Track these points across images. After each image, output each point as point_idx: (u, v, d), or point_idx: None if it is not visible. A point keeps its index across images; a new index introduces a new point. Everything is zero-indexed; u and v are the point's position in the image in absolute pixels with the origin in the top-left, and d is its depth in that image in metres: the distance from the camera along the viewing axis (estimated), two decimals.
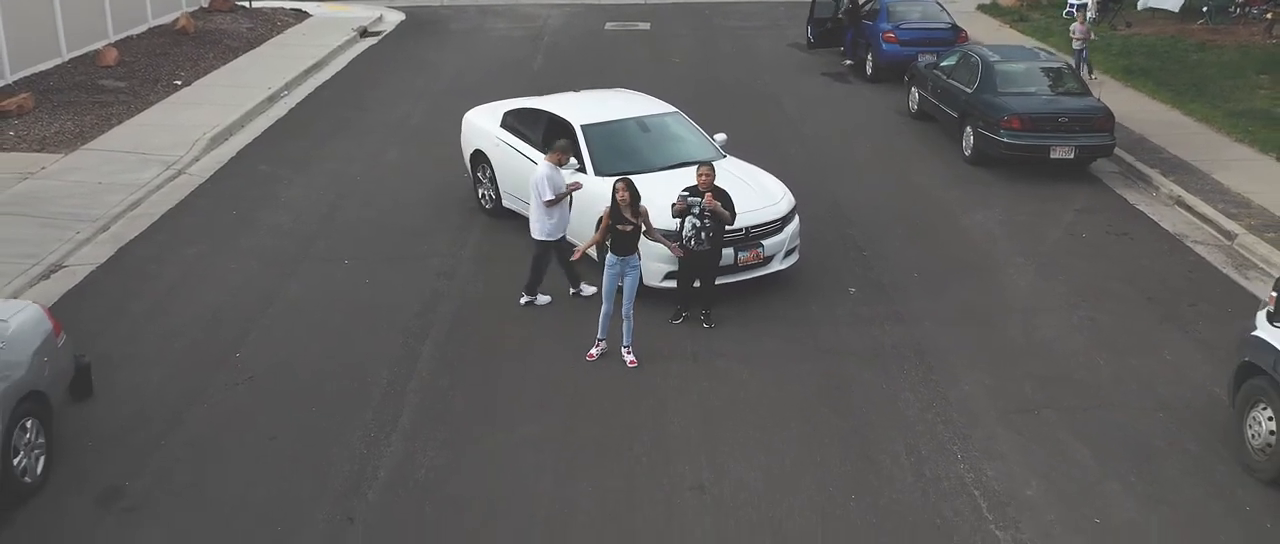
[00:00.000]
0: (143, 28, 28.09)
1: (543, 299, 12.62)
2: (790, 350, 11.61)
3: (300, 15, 32.56)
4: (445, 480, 9.33)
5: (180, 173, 18.05)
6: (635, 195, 11.02)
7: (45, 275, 13.81)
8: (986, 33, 29.52)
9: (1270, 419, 9.12)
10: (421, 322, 12.33)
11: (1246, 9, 28.11)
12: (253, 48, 27.71)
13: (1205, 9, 28.56)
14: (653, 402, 10.61)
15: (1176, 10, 29.58)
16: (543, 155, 12.98)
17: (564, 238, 12.53)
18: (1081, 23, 23.13)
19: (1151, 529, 8.71)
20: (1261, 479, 9.19)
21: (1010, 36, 28.92)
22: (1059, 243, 14.80)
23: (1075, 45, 22.96)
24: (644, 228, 11.14)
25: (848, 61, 25.33)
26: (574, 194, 12.46)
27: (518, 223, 14.74)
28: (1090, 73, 22.91)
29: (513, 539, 8.55)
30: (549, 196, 12.14)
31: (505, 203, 15.04)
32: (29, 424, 9.06)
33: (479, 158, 15.51)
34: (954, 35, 23.50)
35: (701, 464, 9.56)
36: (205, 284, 13.42)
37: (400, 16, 33.46)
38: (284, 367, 11.31)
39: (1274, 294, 9.04)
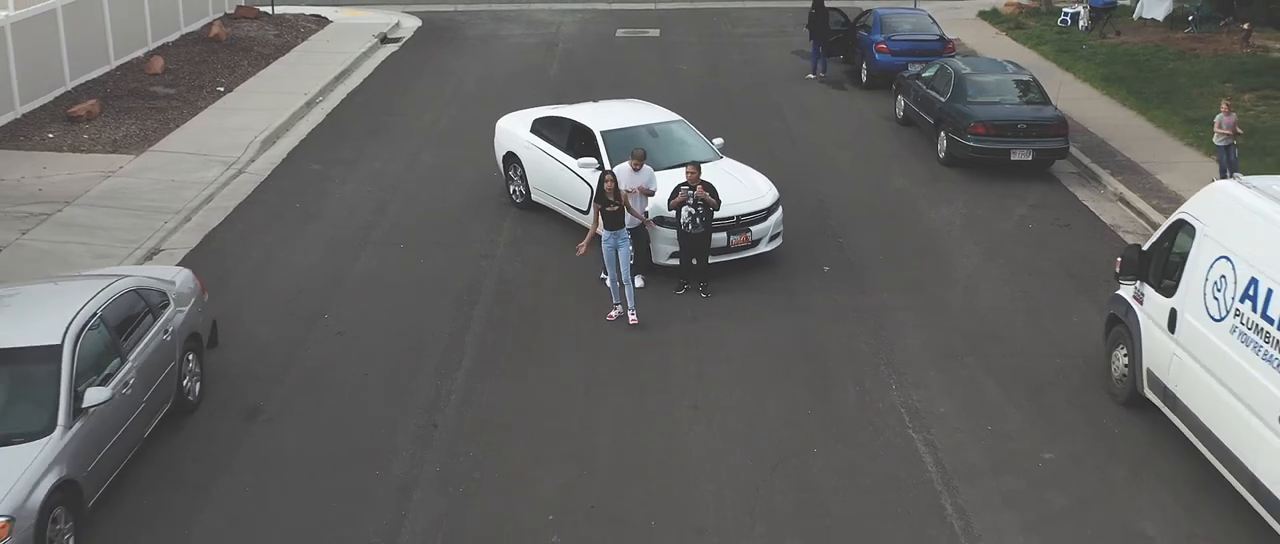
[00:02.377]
0: (176, 35, 32.42)
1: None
2: (770, 313, 15.81)
3: (321, 21, 36.91)
4: (500, 402, 13.52)
5: (240, 172, 22.34)
6: (617, 184, 15.18)
7: (147, 257, 18.05)
8: (982, 40, 33.80)
9: (1124, 355, 13.26)
10: (470, 293, 16.55)
11: (1229, 20, 32.13)
12: (282, 55, 32.07)
13: (1191, 18, 32.67)
14: (659, 349, 14.80)
15: (1164, 19, 33.74)
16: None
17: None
18: (1226, 112, 20.09)
19: (1031, 433, 12.86)
20: (1118, 401, 13.34)
21: (1005, 44, 33.17)
22: (1007, 233, 18.98)
23: (1218, 141, 20.21)
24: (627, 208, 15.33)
25: (814, 75, 29.22)
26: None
27: (545, 213, 19.00)
28: (1232, 173, 19.32)
29: (554, 442, 12.71)
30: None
31: (534, 197, 19.28)
32: (190, 358, 13.28)
33: (511, 159, 19.76)
34: (942, 46, 27.70)
35: (696, 392, 13.75)
36: (286, 263, 17.68)
37: (417, 22, 37.77)
38: (363, 325, 15.54)
39: (1119, 259, 13.19)
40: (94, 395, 10.96)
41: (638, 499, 11.61)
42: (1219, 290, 11.38)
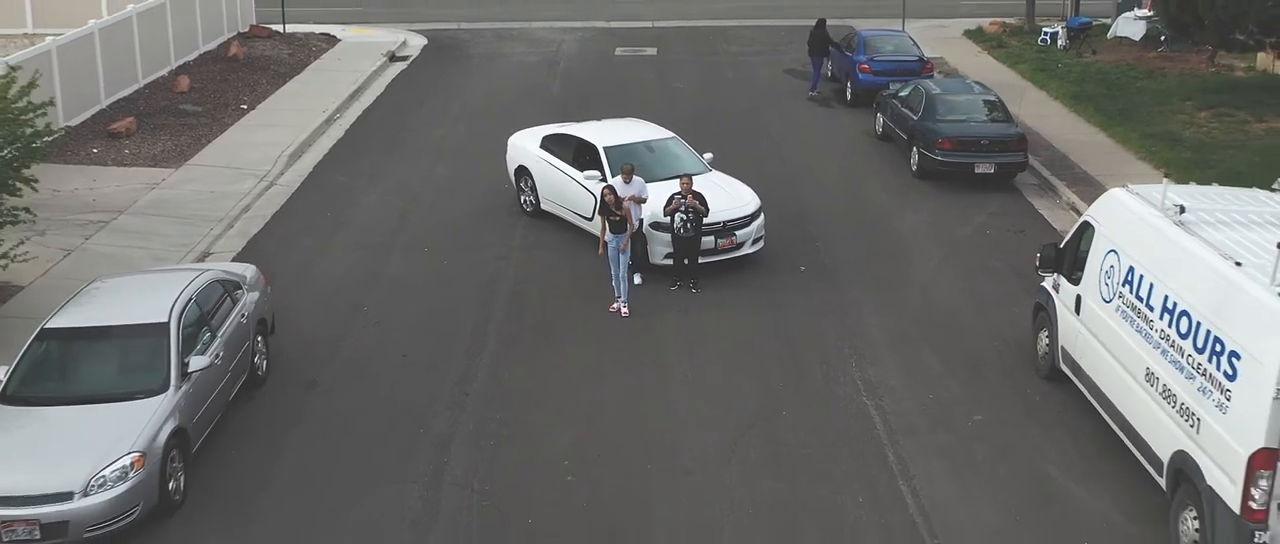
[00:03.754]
0: (195, 54, 35.84)
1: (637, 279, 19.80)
2: (751, 305, 19.14)
3: (330, 40, 40.35)
4: (520, 377, 16.84)
5: (272, 184, 25.69)
6: (618, 196, 18.53)
7: (199, 260, 21.38)
8: (965, 59, 37.24)
9: (1046, 337, 16.58)
10: (490, 289, 19.88)
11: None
12: (297, 73, 35.49)
13: (1163, 38, 36.06)
14: (654, 335, 18.12)
15: (1139, 38, 37.17)
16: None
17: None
18: None
19: (965, 400, 16.16)
20: (1041, 375, 16.64)
21: (987, 63, 36.62)
22: (966, 237, 22.33)
23: None
24: (626, 216, 18.68)
25: (813, 92, 32.58)
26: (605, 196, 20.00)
27: (553, 221, 22.34)
28: None
29: (566, 407, 15.99)
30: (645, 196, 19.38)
31: (543, 206, 22.62)
32: (259, 339, 16.59)
33: (522, 172, 23.11)
34: (921, 67, 31.09)
35: (685, 368, 17.07)
36: (323, 265, 21.01)
37: (422, 40, 41.20)
38: (398, 316, 18.86)
39: (1038, 255, 16.53)
40: (196, 362, 14.29)
41: (636, 449, 14.92)
42: (1109, 277, 14.71)
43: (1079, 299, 15.54)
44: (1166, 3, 29.34)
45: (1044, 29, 38.51)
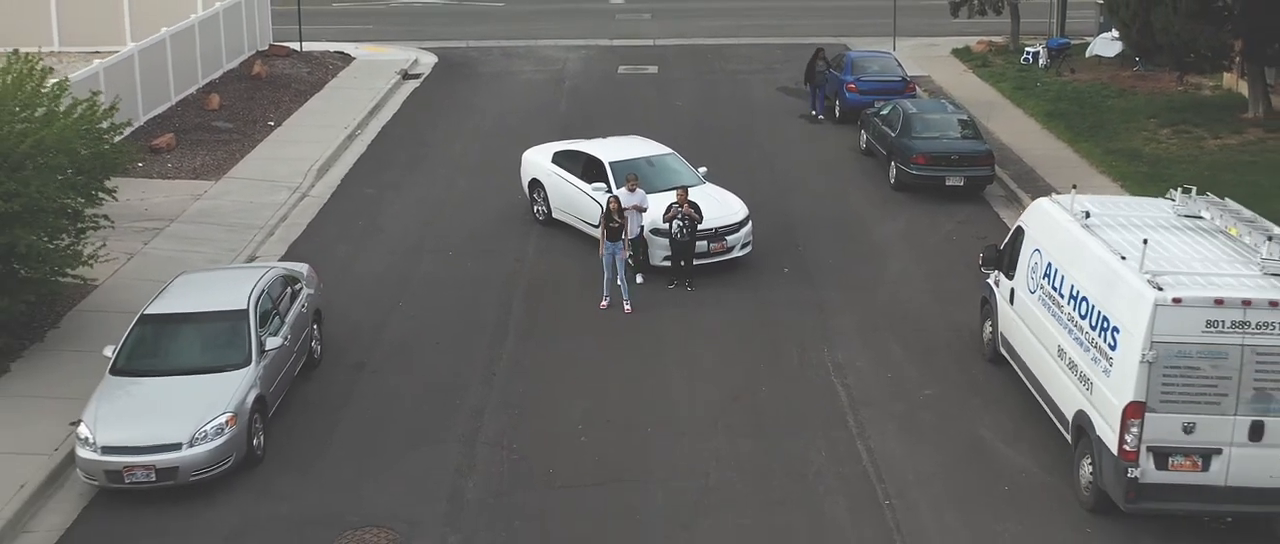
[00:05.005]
0: (219, 72, 39.58)
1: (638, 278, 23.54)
2: (739, 301, 22.80)
3: (345, 58, 44.14)
4: (539, 360, 20.49)
5: (304, 196, 29.39)
6: (620, 206, 22.20)
7: (248, 262, 25.04)
8: (950, 77, 41.00)
9: (989, 326, 20.23)
10: (508, 288, 23.55)
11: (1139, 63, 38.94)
12: (317, 91, 39.26)
13: (1138, 57, 39.74)
14: (653, 328, 21.79)
15: (1114, 57, 40.88)
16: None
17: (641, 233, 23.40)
18: None
19: (919, 379, 19.79)
20: (986, 359, 20.29)
21: (970, 81, 40.38)
22: (935, 243, 25.99)
23: None
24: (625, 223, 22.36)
25: (816, 113, 36.21)
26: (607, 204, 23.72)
27: (564, 229, 26.00)
28: None
29: (579, 384, 19.64)
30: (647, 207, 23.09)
31: (555, 215, 26.31)
32: (315, 327, 20.25)
33: (535, 184, 26.81)
34: (904, 86, 34.81)
35: (680, 355, 20.73)
36: (361, 267, 24.69)
37: (433, 59, 44.98)
38: (430, 311, 22.53)
39: (980, 254, 20.18)
40: (271, 341, 17.96)
41: (638, 416, 18.58)
42: (1033, 272, 18.37)
43: (1012, 292, 19.20)
44: (1129, 28, 33.00)
45: (1026, 49, 42.24)
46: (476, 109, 37.56)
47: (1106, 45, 41.64)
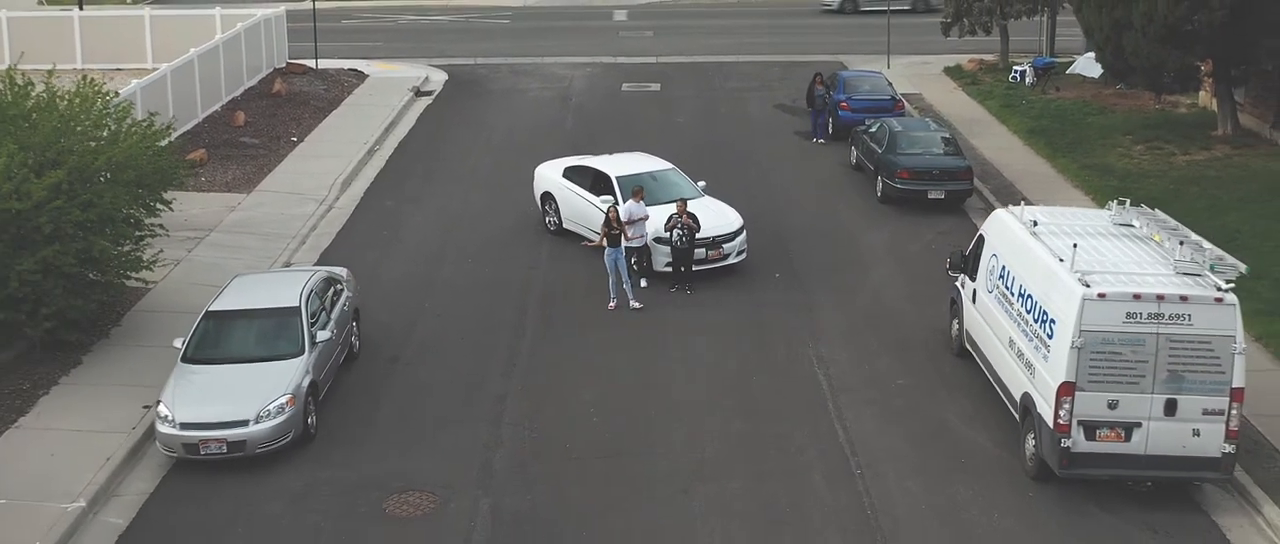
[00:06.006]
0: (241, 89, 42.94)
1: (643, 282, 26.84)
2: (734, 303, 26.06)
3: (359, 75, 47.50)
4: (553, 354, 23.75)
5: (330, 208, 32.67)
6: (619, 215, 25.45)
7: (284, 267, 28.29)
8: (941, 94, 44.34)
9: (956, 324, 23.47)
10: (524, 291, 26.82)
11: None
12: (334, 108, 42.61)
13: (1112, 78, 42.95)
14: (655, 326, 25.04)
15: (1097, 77, 44.16)
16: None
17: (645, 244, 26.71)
18: None
19: (893, 370, 23.03)
20: (953, 353, 23.54)
21: (960, 99, 43.72)
22: (917, 252, 29.25)
23: None
24: (625, 234, 25.63)
25: (817, 139, 39.43)
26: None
27: (574, 238, 29.25)
28: None
29: (590, 375, 22.86)
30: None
31: (565, 225, 29.60)
32: (354, 324, 23.51)
33: (547, 197, 30.11)
34: (893, 105, 38.11)
35: (681, 349, 23.98)
36: (388, 272, 27.95)
37: (443, 76, 48.36)
38: (455, 310, 25.79)
39: (947, 259, 23.43)
40: (321, 334, 21.22)
41: (642, 402, 21.82)
42: (991, 274, 21.61)
43: (975, 293, 22.45)
44: (1103, 51, 36.28)
45: (1014, 67, 45.56)
46: (487, 125, 40.89)
47: (1090, 65, 44.85)
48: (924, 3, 61.26)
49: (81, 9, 49.87)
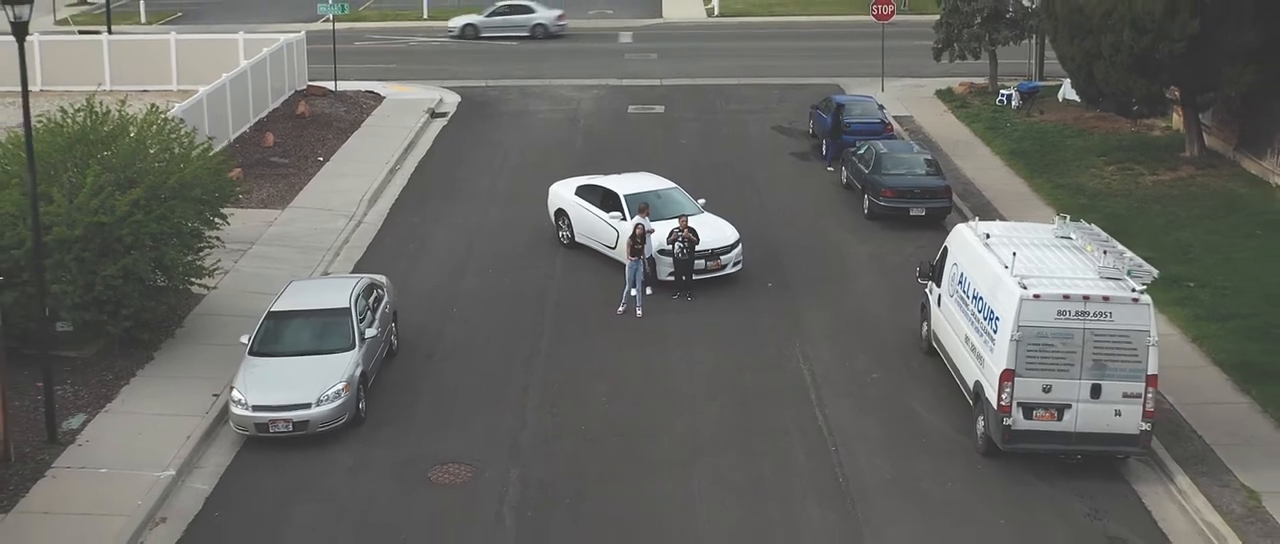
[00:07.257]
0: (267, 111, 47.24)
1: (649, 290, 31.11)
2: (730, 308, 30.29)
3: (376, 97, 51.85)
4: (569, 354, 27.98)
5: (359, 224, 36.94)
6: (644, 231, 29.72)
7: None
8: (930, 117, 48.65)
9: (925, 326, 27.69)
10: (541, 299, 31.07)
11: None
12: (355, 129, 46.94)
13: (1085, 103, 47.14)
14: (659, 329, 29.27)
15: (1082, 100, 48.38)
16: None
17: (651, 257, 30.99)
18: None
19: (869, 367, 27.24)
20: (923, 352, 27.76)
21: (949, 121, 48.01)
22: (898, 264, 33.48)
23: None
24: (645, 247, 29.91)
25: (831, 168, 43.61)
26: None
27: (585, 251, 33.51)
28: None
29: (602, 372, 27.08)
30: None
31: (577, 239, 33.88)
32: (393, 325, 27.74)
33: (560, 213, 34.41)
34: (883, 128, 42.39)
35: (682, 350, 28.22)
36: (416, 282, 32.21)
37: (456, 98, 52.68)
38: (478, 316, 30.04)
39: (918, 268, 27.65)
40: (369, 332, 25.48)
41: (648, 393, 26.05)
42: (952, 281, 25.84)
43: (940, 297, 26.67)
44: (1077, 78, 40.57)
45: (1001, 91, 49.83)
46: (501, 146, 45.22)
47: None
48: (543, 30, 67.16)
49: (110, 32, 54.20)
